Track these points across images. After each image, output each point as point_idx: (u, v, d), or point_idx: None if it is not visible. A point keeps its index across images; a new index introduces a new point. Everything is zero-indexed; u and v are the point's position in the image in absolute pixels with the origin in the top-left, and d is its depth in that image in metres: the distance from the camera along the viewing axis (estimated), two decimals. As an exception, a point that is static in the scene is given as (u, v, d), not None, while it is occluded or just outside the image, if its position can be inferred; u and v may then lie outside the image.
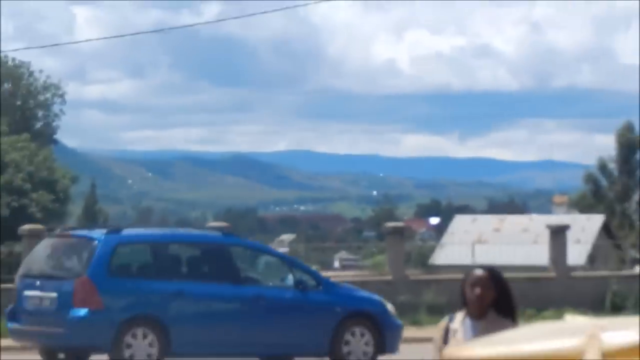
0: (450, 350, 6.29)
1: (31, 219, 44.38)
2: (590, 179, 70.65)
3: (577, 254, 49.76)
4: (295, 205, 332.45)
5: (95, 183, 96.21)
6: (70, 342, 29.29)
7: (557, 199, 71.68)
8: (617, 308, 39.93)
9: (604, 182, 69.65)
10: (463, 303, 9.09)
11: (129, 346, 28.70)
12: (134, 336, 28.59)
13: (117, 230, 30.71)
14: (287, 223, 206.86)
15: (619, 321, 6.10)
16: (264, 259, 34.51)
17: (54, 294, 28.42)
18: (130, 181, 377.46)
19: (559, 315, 12.55)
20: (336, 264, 61.74)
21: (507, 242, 55.98)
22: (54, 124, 71.90)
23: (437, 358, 8.78)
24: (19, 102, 66.88)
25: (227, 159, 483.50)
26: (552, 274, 40.59)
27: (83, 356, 30.80)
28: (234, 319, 30.56)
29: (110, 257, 28.66)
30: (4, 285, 38.73)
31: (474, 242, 56.19)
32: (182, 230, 40.85)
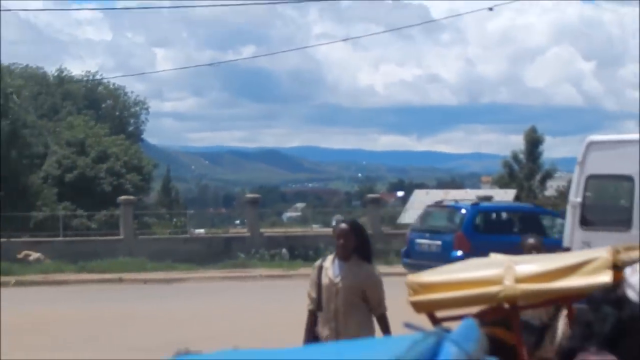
0: (411, 276, 6.21)
1: (126, 193, 44.16)
2: (506, 165, 70.33)
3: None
4: (305, 183, 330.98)
5: (169, 168, 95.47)
6: None
7: (484, 179, 71.32)
8: (525, 251, 39.86)
9: (516, 167, 69.52)
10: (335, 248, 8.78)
11: None
12: None
13: (476, 204, 33.19)
14: (300, 195, 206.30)
15: (527, 258, 6.12)
16: (555, 220, 34.25)
17: (439, 242, 31.20)
18: (193, 167, 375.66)
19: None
20: (333, 222, 61.67)
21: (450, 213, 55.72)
22: (141, 127, 71.77)
23: (312, 288, 8.63)
24: (117, 113, 66.91)
25: (259, 152, 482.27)
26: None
27: None
28: None
29: (474, 220, 31.29)
30: (107, 237, 38.64)
31: (430, 208, 56.02)
32: (510, 203, 42.56)
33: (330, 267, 8.49)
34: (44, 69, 68.97)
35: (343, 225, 8.76)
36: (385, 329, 8.52)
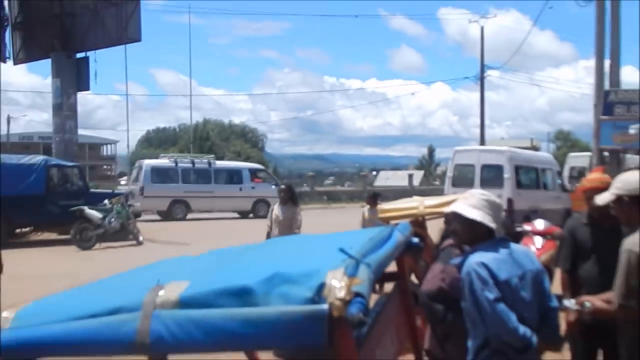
0: (380, 206, 5.96)
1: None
2: (420, 161, 70.30)
3: (416, 182, 48.67)
4: (335, 169, 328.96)
5: (275, 163, 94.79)
6: None
7: (410, 167, 71.07)
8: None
9: (424, 162, 69.00)
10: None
11: None
12: None
13: None
14: (332, 174, 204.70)
15: (431, 197, 5.97)
16: None
17: None
18: (285, 162, 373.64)
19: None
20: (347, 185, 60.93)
21: (398, 179, 54.52)
22: (264, 145, 71.24)
23: (269, 220, 7.45)
24: (253, 139, 65.85)
25: (314, 155, 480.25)
26: (409, 188, 39.30)
27: None
28: None
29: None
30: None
31: (387, 178, 54.83)
32: None
33: (276, 209, 7.39)
34: (223, 120, 69.04)
35: (282, 186, 7.86)
36: None
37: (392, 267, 2.21)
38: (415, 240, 2.31)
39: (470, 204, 2.59)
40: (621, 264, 2.69)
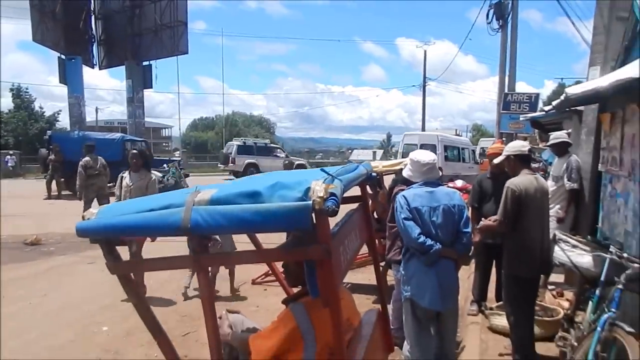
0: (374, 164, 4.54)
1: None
2: (381, 144, 69.04)
3: (378, 157, 47.36)
4: (324, 147, 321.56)
5: (282, 144, 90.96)
6: None
7: (375, 147, 70.12)
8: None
9: (384, 145, 67.79)
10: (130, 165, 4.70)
11: None
12: None
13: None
14: (322, 151, 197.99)
15: (387, 161, 5.76)
16: None
17: None
18: (292, 144, 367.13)
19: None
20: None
21: (366, 155, 51.95)
22: (274, 130, 67.75)
23: (117, 189, 4.74)
24: (269, 128, 64.63)
25: (306, 138, 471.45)
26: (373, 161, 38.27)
27: None
28: None
29: None
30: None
31: (358, 155, 52.06)
32: None
33: (127, 176, 4.66)
34: (246, 113, 66.44)
35: (134, 152, 4.74)
36: None
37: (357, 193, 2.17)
38: (374, 174, 2.30)
39: (404, 164, 2.90)
40: (502, 196, 2.90)
